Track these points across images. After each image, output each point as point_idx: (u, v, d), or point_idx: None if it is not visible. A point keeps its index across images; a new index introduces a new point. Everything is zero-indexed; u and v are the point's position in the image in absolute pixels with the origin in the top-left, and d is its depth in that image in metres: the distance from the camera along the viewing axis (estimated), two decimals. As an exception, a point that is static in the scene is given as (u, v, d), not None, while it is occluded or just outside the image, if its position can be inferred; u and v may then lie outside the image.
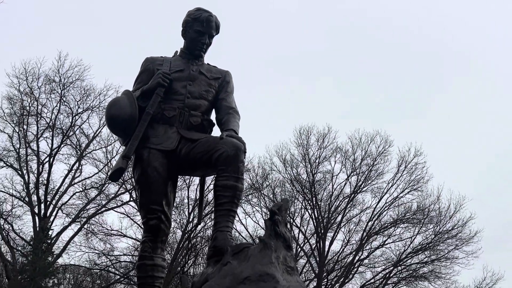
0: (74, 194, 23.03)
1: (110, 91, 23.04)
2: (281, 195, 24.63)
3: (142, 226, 4.46)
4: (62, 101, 23.03)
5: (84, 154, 23.14)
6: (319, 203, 25.29)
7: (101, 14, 46.98)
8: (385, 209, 25.40)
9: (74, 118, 23.19)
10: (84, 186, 23.18)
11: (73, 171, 23.03)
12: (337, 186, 25.43)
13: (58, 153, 23.01)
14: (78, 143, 23.34)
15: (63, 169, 23.83)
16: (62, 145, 23.11)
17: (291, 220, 24.58)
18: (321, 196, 25.49)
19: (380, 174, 25.49)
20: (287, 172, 25.57)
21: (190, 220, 22.76)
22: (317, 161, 25.49)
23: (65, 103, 23.12)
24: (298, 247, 24.61)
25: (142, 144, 4.21)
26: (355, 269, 25.25)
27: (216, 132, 4.42)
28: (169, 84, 4.34)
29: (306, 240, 25.40)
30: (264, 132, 35.66)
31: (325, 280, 24.86)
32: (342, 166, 25.54)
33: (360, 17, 47.62)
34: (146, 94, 4.33)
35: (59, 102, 23.00)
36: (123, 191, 22.82)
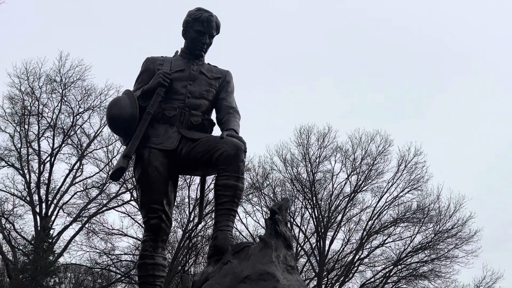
0: (75, 194, 23.04)
1: (111, 91, 23.06)
2: (282, 195, 24.62)
3: (143, 225, 4.47)
4: (63, 101, 23.05)
5: (85, 154, 23.13)
6: (319, 203, 25.28)
7: (102, 14, 47.03)
8: (385, 208, 25.40)
9: (75, 118, 23.20)
10: (85, 186, 23.19)
11: (74, 171, 23.04)
12: (337, 186, 25.46)
13: (59, 153, 23.02)
14: (79, 143, 23.35)
15: (64, 169, 23.82)
16: (63, 145, 23.12)
17: (292, 219, 24.58)
18: (321, 196, 25.50)
19: (380, 174, 25.50)
20: (288, 172, 25.59)
21: (191, 219, 22.78)
22: (317, 161, 25.49)
23: (66, 103, 23.14)
24: (299, 246, 24.61)
25: (143, 144, 4.22)
26: (355, 268, 25.25)
27: (217, 132, 4.43)
28: (170, 84, 4.35)
29: (307, 239, 25.41)
30: (265, 132, 35.69)
31: (325, 279, 24.86)
32: (342, 166, 25.55)
33: (360, 17, 47.61)
34: (147, 94, 4.33)
35: (60, 102, 23.00)
36: (124, 191, 22.81)
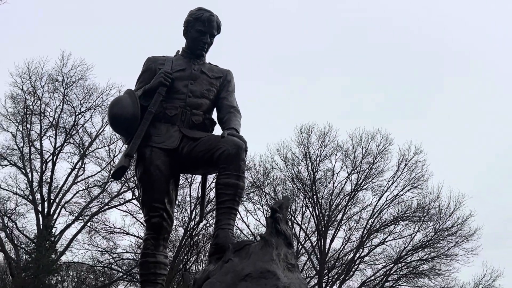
0: (77, 192, 23.06)
1: (113, 90, 23.05)
2: (282, 193, 24.63)
3: (145, 224, 4.49)
4: (65, 100, 23.06)
5: (87, 153, 23.14)
6: (320, 201, 25.29)
7: (104, 14, 47.04)
8: (386, 207, 25.39)
9: (77, 117, 23.22)
10: (87, 185, 23.21)
11: (76, 170, 23.04)
12: (338, 184, 25.45)
13: (61, 152, 23.03)
14: (81, 142, 23.38)
15: (66, 168, 23.82)
16: (65, 144, 23.13)
17: (292, 218, 24.61)
18: (322, 194, 25.51)
19: (381, 172, 25.48)
20: (288, 170, 25.60)
21: (192, 218, 22.80)
22: (318, 160, 25.49)
23: (68, 102, 23.16)
24: (299, 245, 24.64)
25: (145, 143, 4.23)
26: (356, 266, 25.26)
27: (218, 131, 4.45)
28: (171, 83, 4.36)
29: (307, 238, 25.42)
30: (265, 131, 35.69)
31: (326, 277, 24.88)
32: (343, 164, 25.55)
33: (360, 17, 47.50)
34: (148, 93, 4.35)
35: (62, 101, 23.03)
36: (126, 189, 22.83)
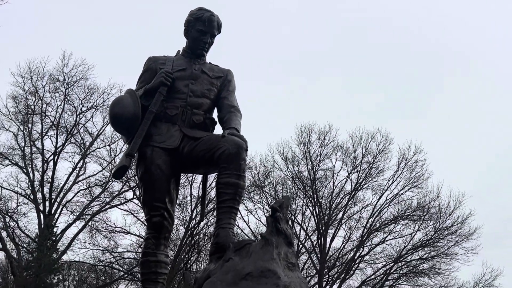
0: (79, 192, 23.12)
1: (114, 90, 23.10)
2: (283, 193, 24.64)
3: (146, 223, 4.50)
4: (66, 100, 23.10)
5: (88, 152, 23.18)
6: (320, 200, 25.32)
7: (105, 14, 47.05)
8: (386, 206, 25.41)
9: (78, 117, 23.27)
10: (88, 184, 23.26)
11: (78, 169, 23.09)
12: (338, 184, 25.46)
13: (63, 151, 23.07)
14: (82, 142, 23.42)
15: (68, 167, 23.97)
16: (67, 144, 23.18)
17: (293, 217, 24.63)
18: (322, 193, 25.53)
19: (381, 172, 25.50)
20: (289, 170, 25.62)
21: (193, 217, 22.83)
22: (318, 159, 25.51)
23: (69, 102, 23.20)
24: (300, 244, 24.67)
25: (145, 142, 4.25)
26: (356, 265, 25.28)
27: (218, 131, 4.46)
28: (172, 83, 4.38)
29: (307, 237, 25.45)
30: (266, 131, 35.73)
31: (326, 276, 24.91)
32: (343, 164, 25.57)
33: (360, 17, 47.48)
34: (149, 93, 4.36)
35: (63, 101, 23.07)
36: (127, 189, 22.87)
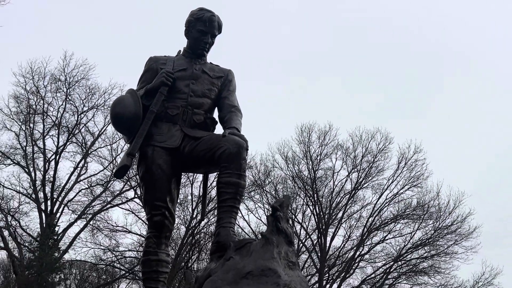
0: (80, 191, 23.20)
1: (115, 90, 23.18)
2: (283, 192, 24.66)
3: (147, 222, 4.52)
4: (68, 100, 23.19)
5: (90, 152, 23.25)
6: (321, 200, 25.34)
7: (106, 14, 47.09)
8: (386, 205, 25.44)
9: (80, 117, 23.36)
10: (90, 183, 23.33)
11: (79, 169, 23.17)
12: (338, 183, 25.49)
13: (64, 151, 23.17)
14: (84, 141, 23.48)
15: (69, 167, 23.97)
16: (68, 143, 23.27)
17: (293, 216, 24.65)
18: (323, 193, 25.55)
19: (381, 171, 25.53)
20: (289, 169, 25.66)
21: (194, 216, 22.87)
22: (318, 158, 25.53)
23: (71, 102, 23.30)
24: (300, 243, 24.69)
25: (147, 142, 4.27)
26: (356, 264, 25.31)
27: (219, 130, 4.48)
28: (173, 83, 4.39)
29: (308, 236, 25.48)
30: (266, 130, 35.79)
31: (327, 275, 24.94)
32: (343, 163, 25.59)
33: (360, 17, 47.50)
34: (150, 93, 4.38)
35: (65, 101, 23.16)
36: (128, 188, 22.93)
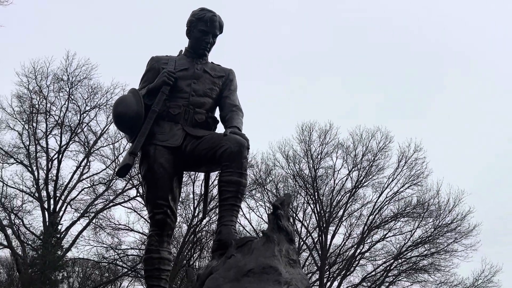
0: (83, 190, 23.26)
1: (117, 89, 23.19)
2: (284, 190, 24.70)
3: (149, 221, 4.55)
4: (70, 99, 23.25)
5: (92, 151, 23.32)
6: (321, 198, 25.38)
7: (108, 14, 47.09)
8: (386, 204, 25.48)
9: (82, 116, 23.41)
10: (92, 182, 23.39)
11: (82, 167, 23.24)
12: (339, 181, 25.54)
13: (67, 150, 23.24)
14: (86, 140, 23.54)
15: (72, 166, 24.13)
16: (71, 142, 23.32)
17: (294, 215, 24.69)
18: (323, 191, 25.58)
19: (381, 169, 25.57)
20: (290, 168, 25.70)
21: (196, 215, 22.91)
22: (319, 157, 25.57)
23: (73, 101, 23.35)
24: (301, 241, 24.72)
25: (148, 141, 4.29)
26: (357, 262, 25.38)
27: (220, 129, 4.51)
28: (174, 83, 4.42)
29: (309, 234, 25.52)
30: (267, 129, 35.78)
31: (327, 273, 24.98)
32: (344, 162, 25.63)
33: (360, 17, 47.44)
34: (152, 92, 4.41)
35: (67, 100, 23.20)
36: (130, 187, 22.96)
